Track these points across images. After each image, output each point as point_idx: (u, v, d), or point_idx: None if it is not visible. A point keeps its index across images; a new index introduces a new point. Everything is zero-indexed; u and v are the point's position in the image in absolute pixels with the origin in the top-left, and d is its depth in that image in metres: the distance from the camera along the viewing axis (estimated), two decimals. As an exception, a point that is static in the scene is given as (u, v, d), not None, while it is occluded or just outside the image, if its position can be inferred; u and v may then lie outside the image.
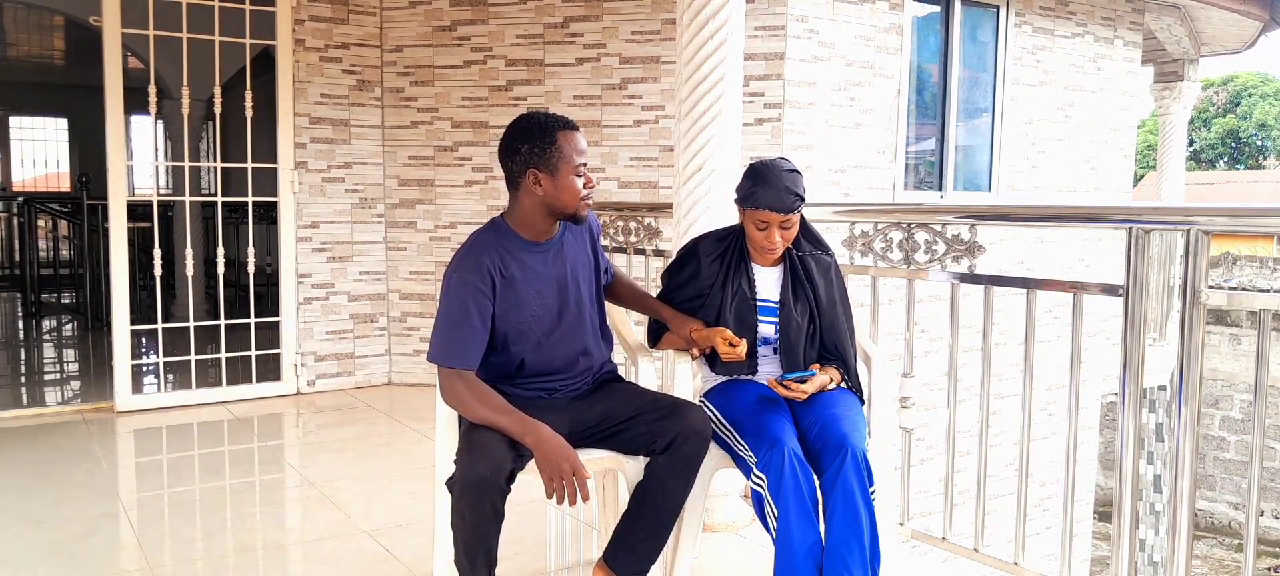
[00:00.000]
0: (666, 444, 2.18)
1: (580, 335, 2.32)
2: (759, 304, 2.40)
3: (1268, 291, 2.20)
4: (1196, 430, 2.11)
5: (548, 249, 2.27)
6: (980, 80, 6.22)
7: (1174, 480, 2.12)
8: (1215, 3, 6.92)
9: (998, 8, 6.16)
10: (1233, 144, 29.95)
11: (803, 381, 2.25)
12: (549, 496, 2.04)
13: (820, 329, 2.38)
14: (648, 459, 2.22)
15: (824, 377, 2.31)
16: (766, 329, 2.39)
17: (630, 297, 2.61)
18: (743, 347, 2.28)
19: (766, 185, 2.26)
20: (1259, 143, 29.77)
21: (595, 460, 2.31)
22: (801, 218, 2.41)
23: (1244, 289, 10.08)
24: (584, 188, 2.20)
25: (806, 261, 2.39)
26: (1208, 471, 11.22)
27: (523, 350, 2.24)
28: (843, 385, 2.38)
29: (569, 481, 2.02)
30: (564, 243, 2.31)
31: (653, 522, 2.22)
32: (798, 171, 2.31)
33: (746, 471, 2.19)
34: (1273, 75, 30.10)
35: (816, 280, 2.38)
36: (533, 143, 2.16)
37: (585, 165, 2.20)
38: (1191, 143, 28.37)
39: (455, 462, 2.07)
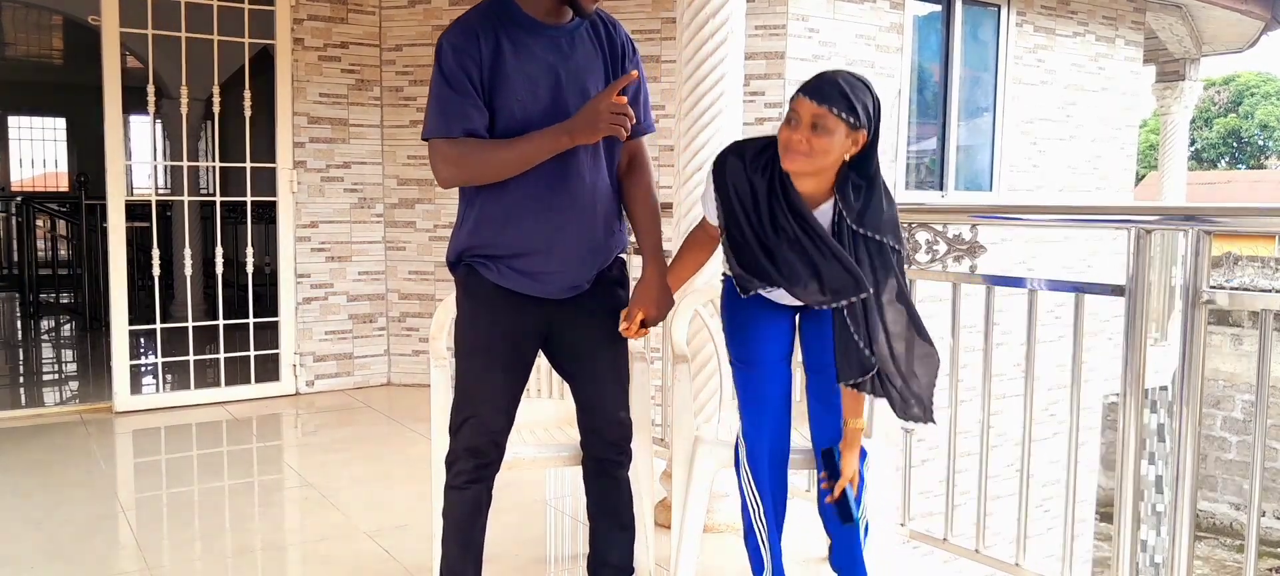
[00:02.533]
0: (589, 454, 2.20)
1: (579, 163, 1.96)
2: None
3: (1269, 291, 2.19)
4: (1198, 430, 2.10)
5: (553, 32, 1.96)
6: (981, 79, 6.21)
7: (1176, 481, 2.11)
8: (1217, 2, 6.91)
9: (999, 7, 6.15)
10: (1234, 144, 29.94)
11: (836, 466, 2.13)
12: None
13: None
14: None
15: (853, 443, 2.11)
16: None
17: (631, 198, 2.12)
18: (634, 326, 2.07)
19: (818, 77, 1.92)
20: (1261, 143, 29.76)
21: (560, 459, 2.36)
22: (868, 175, 1.94)
23: (1246, 289, 10.07)
24: None
25: (856, 231, 1.94)
26: (1209, 472, 11.20)
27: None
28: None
29: (617, 122, 1.87)
30: (578, 36, 1.98)
31: (611, 529, 2.22)
32: (864, 83, 1.91)
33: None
34: (1274, 75, 30.08)
35: (865, 258, 1.94)
36: None
37: None
38: (1193, 142, 28.36)
39: (450, 432, 2.08)
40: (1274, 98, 29.02)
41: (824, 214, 1.96)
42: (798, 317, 2.19)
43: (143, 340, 5.54)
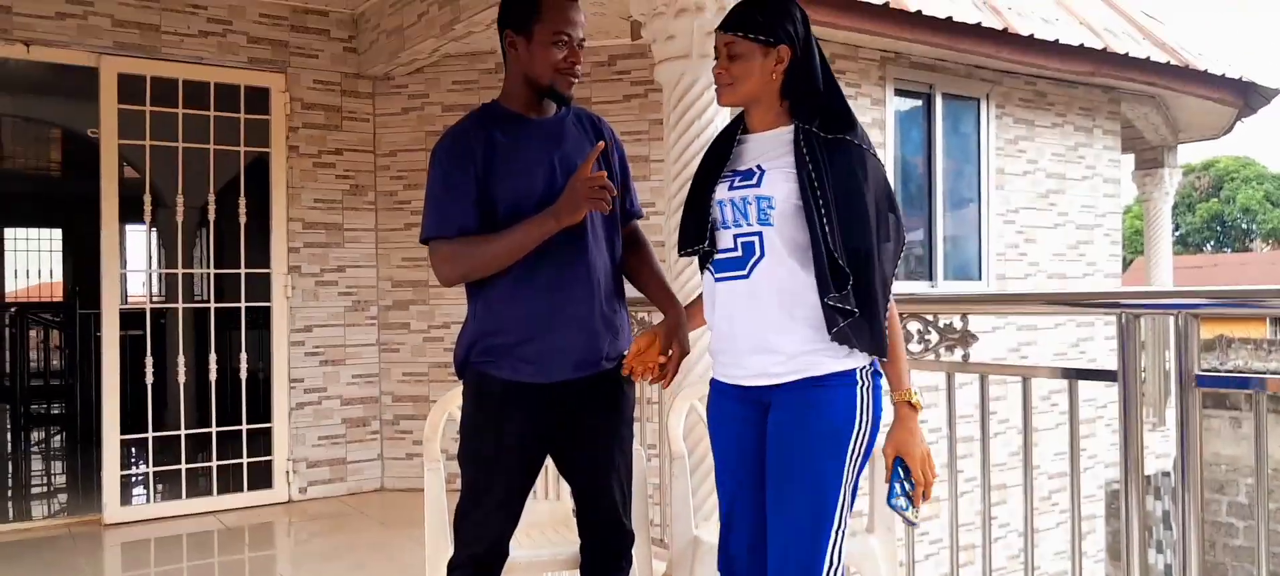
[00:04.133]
0: (588, 557, 2.17)
1: (584, 244, 2.03)
2: (731, 172, 1.90)
3: (1262, 375, 2.20)
4: (1201, 516, 2.08)
5: (541, 124, 2.07)
6: (964, 171, 6.33)
7: (1183, 569, 2.08)
8: (1188, 91, 7.10)
9: (978, 100, 6.31)
10: (1218, 228, 30.37)
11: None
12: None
13: (829, 222, 1.78)
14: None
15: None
16: (733, 196, 1.87)
17: (638, 274, 2.20)
18: (650, 360, 1.97)
19: (733, 7, 1.91)
20: (1244, 226, 30.19)
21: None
22: (821, 88, 1.86)
23: (1238, 372, 10.06)
24: (564, 60, 2.01)
25: (816, 139, 1.82)
26: (1218, 559, 11.00)
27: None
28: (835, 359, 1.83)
29: (601, 201, 1.94)
30: (566, 127, 2.09)
31: None
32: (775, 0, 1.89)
33: None
34: (1254, 159, 30.70)
35: (827, 162, 1.81)
36: (515, 1, 2.04)
37: (569, 38, 2.01)
38: (1177, 227, 28.75)
39: (454, 536, 2.05)
40: (1253, 182, 29.56)
41: (784, 136, 1.88)
42: (769, 412, 1.91)
43: (134, 449, 5.48)
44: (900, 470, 1.85)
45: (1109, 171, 7.15)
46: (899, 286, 6.59)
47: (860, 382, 1.84)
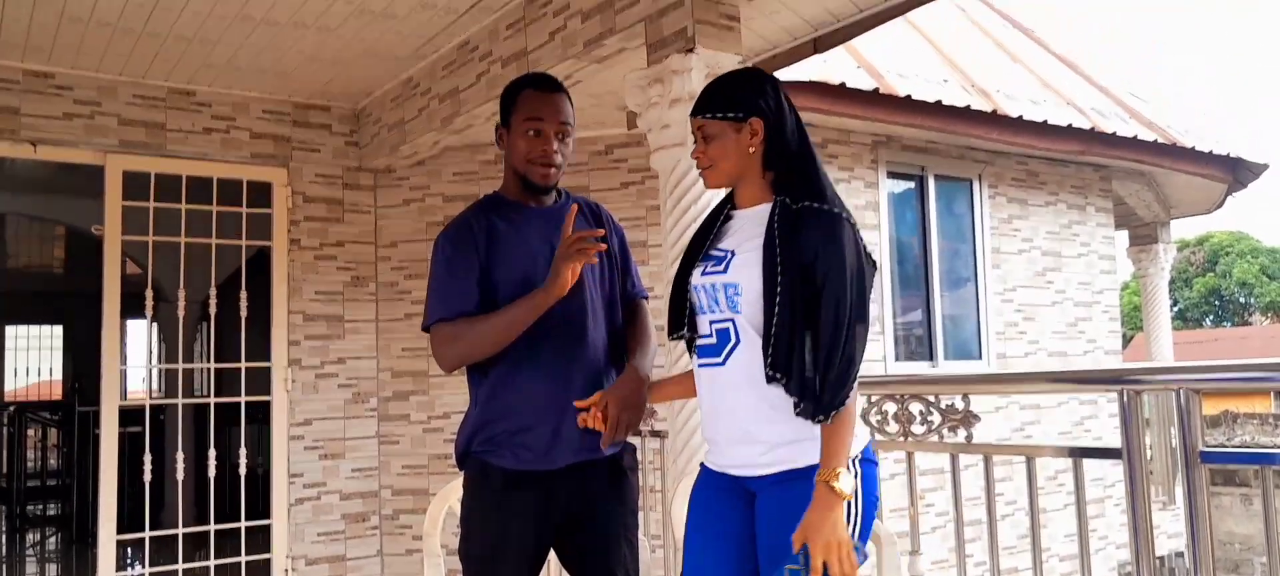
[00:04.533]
0: None
1: (584, 325, 2.06)
2: (707, 255, 1.90)
3: (1270, 449, 2.18)
4: (1215, 596, 2.04)
5: (540, 213, 2.12)
6: (960, 250, 6.37)
7: (1199, 651, 2.03)
8: (1178, 168, 7.19)
9: (971, 180, 6.39)
10: (1217, 302, 30.46)
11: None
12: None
13: (783, 299, 1.74)
14: None
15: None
16: (706, 282, 1.86)
17: (628, 336, 2.18)
18: (589, 414, 1.94)
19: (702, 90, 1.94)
20: (1242, 299, 30.28)
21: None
22: (790, 155, 1.84)
23: (1245, 448, 9.98)
24: (536, 149, 2.05)
25: (788, 213, 1.78)
26: (1237, 639, 10.73)
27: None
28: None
29: (583, 253, 1.92)
30: (565, 215, 2.09)
31: None
32: (743, 75, 1.94)
33: None
34: (1247, 233, 30.94)
35: (790, 235, 1.76)
36: (505, 95, 2.15)
37: (541, 129, 2.05)
38: (1176, 302, 28.83)
39: None
40: (1248, 255, 29.74)
41: (762, 213, 1.83)
42: (755, 502, 1.85)
43: (130, 549, 5.39)
44: (802, 558, 1.66)
45: (1104, 248, 7.21)
46: (899, 367, 6.51)
47: (847, 471, 1.73)
